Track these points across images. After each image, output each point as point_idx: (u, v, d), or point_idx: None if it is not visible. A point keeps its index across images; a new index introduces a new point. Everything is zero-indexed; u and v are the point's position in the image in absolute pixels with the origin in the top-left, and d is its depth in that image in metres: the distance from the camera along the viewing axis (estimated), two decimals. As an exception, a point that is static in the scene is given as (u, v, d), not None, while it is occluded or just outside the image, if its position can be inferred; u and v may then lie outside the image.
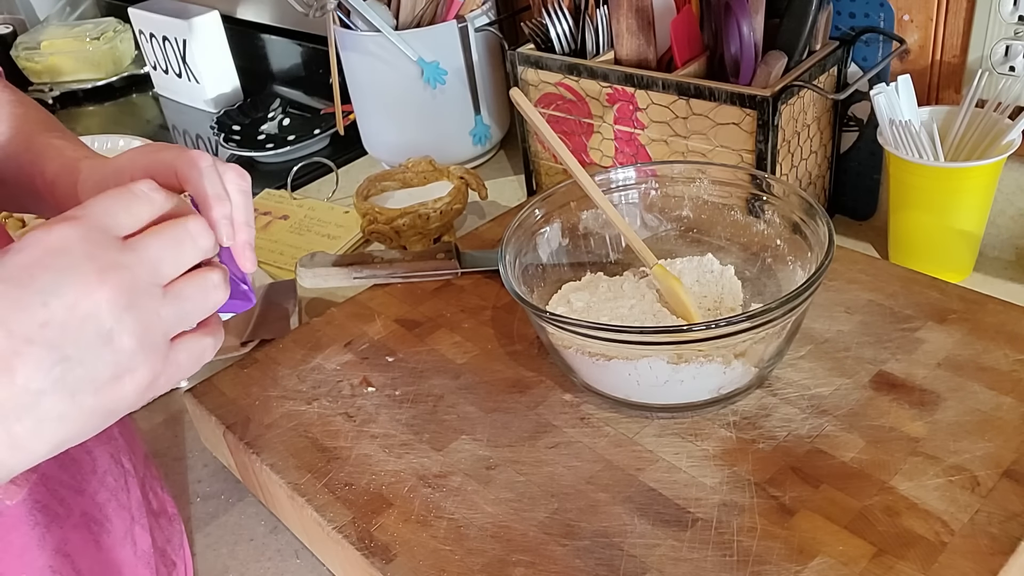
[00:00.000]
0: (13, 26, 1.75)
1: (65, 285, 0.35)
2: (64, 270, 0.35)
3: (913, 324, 0.66)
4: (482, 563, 0.53)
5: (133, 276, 0.37)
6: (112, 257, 0.37)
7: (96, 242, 0.37)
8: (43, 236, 0.36)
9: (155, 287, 0.38)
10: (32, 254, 0.35)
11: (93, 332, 0.36)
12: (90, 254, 0.36)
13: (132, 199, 0.39)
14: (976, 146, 0.77)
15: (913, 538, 0.50)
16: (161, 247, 0.38)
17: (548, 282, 0.71)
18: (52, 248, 0.36)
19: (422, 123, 1.07)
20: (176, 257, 0.39)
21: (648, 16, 0.82)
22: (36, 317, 0.35)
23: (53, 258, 0.35)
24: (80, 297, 0.35)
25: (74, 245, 0.36)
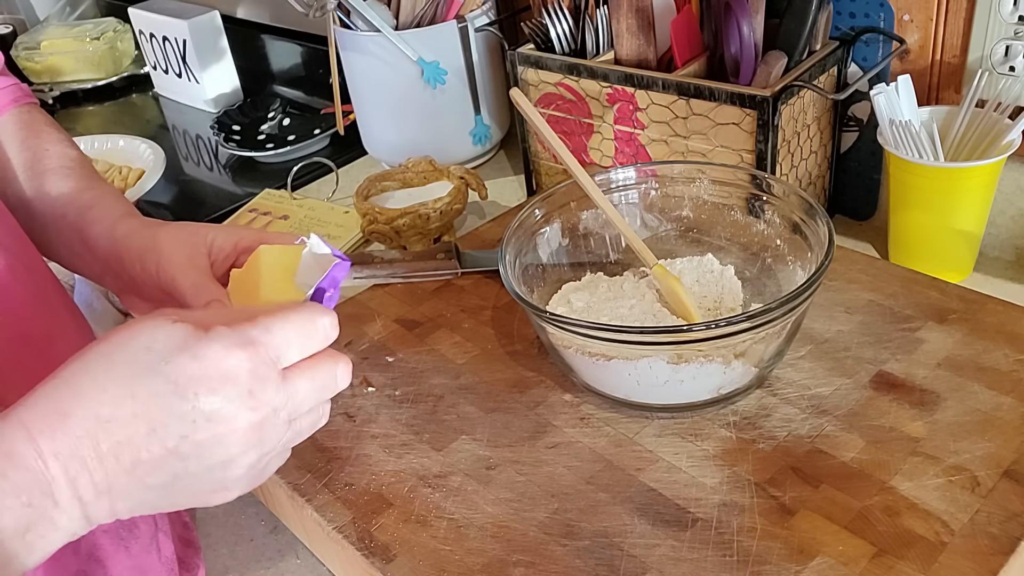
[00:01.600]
0: (13, 26, 1.75)
1: (219, 417, 0.38)
2: (225, 402, 0.38)
3: (913, 324, 0.66)
4: (482, 563, 0.53)
5: (276, 417, 0.40)
6: (268, 397, 0.39)
7: (261, 378, 0.39)
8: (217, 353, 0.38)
9: (285, 424, 0.41)
10: (205, 370, 0.38)
11: (218, 459, 0.39)
12: (252, 392, 0.39)
13: (314, 334, 0.42)
14: (976, 146, 0.77)
15: (913, 538, 0.50)
16: (310, 392, 0.41)
17: (548, 282, 0.71)
18: (224, 374, 0.38)
19: (422, 123, 1.07)
20: (318, 399, 0.42)
21: (648, 16, 0.82)
22: (182, 430, 0.38)
23: (220, 384, 0.38)
24: (225, 431, 0.38)
25: (242, 379, 0.39)
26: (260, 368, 0.39)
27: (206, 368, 0.38)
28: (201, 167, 1.32)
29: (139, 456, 0.37)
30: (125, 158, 1.23)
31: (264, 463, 0.41)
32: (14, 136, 0.63)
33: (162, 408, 0.38)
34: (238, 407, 0.39)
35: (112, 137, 1.27)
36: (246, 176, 1.24)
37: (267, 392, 0.39)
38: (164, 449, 0.38)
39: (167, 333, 0.39)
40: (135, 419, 0.37)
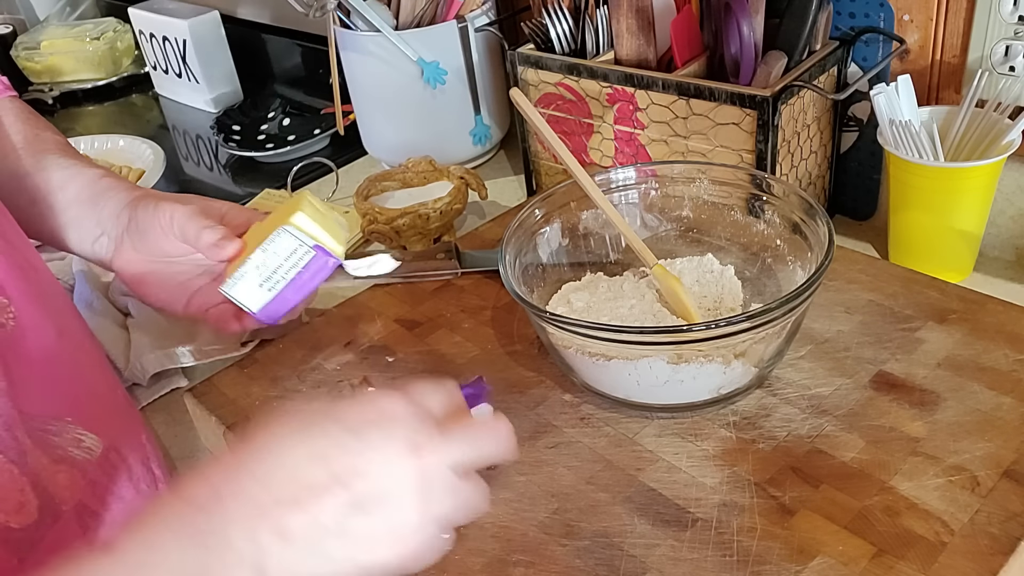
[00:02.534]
0: (13, 26, 1.75)
1: (388, 447, 0.39)
2: (391, 434, 0.40)
3: (913, 324, 0.66)
4: (482, 563, 0.53)
5: (439, 460, 0.40)
6: (430, 437, 0.40)
7: (421, 419, 0.41)
8: (380, 400, 0.41)
9: (452, 476, 0.41)
10: (369, 412, 0.40)
11: (395, 496, 0.39)
12: (415, 428, 0.40)
13: (446, 394, 0.44)
14: (976, 146, 0.77)
15: (913, 538, 0.50)
16: (470, 442, 0.42)
17: (548, 282, 0.71)
18: (386, 413, 0.40)
19: (422, 123, 1.07)
20: (476, 455, 0.43)
21: (648, 16, 0.82)
22: (355, 464, 0.38)
23: (385, 421, 0.40)
24: (394, 461, 0.39)
25: (404, 416, 0.40)
26: (417, 410, 0.41)
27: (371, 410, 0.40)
28: (201, 167, 1.32)
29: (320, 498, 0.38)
30: (125, 158, 1.24)
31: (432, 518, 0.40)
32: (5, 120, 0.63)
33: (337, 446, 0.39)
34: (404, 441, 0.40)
35: (112, 137, 1.28)
36: (246, 176, 1.24)
37: (428, 431, 0.40)
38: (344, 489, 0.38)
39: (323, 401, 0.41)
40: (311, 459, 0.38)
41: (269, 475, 0.38)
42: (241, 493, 0.37)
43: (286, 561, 0.37)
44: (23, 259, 0.54)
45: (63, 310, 0.59)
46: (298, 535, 0.37)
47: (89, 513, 0.52)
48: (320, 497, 0.37)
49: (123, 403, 0.62)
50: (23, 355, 0.50)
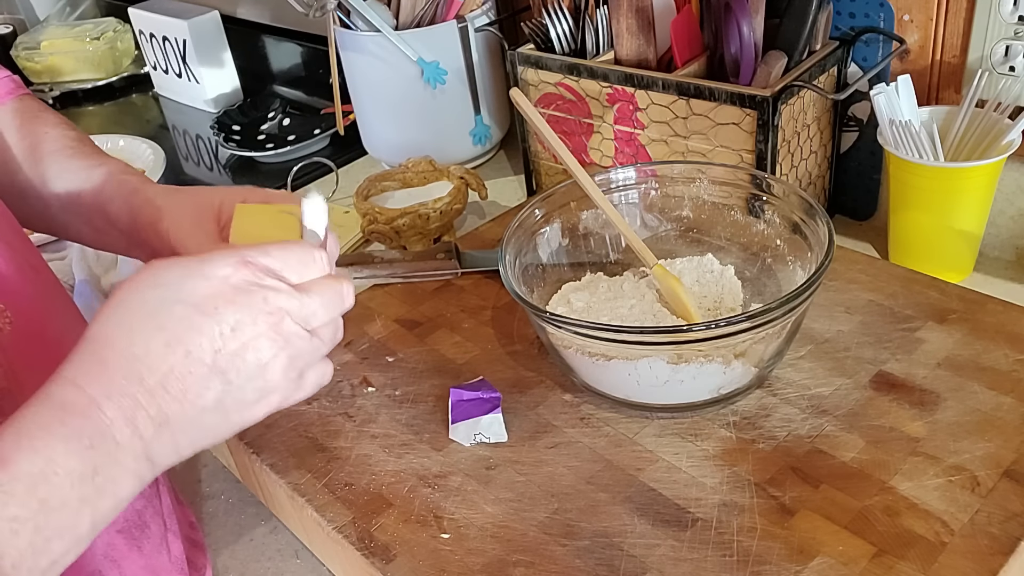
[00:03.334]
0: (13, 26, 1.75)
1: (243, 320, 0.40)
2: (243, 307, 0.40)
3: (913, 324, 0.66)
4: (482, 563, 0.53)
5: (293, 320, 0.42)
6: (283, 302, 0.42)
7: (271, 287, 0.42)
8: (226, 272, 0.41)
9: (306, 332, 0.43)
10: (216, 287, 0.40)
11: (253, 362, 0.41)
12: (265, 297, 0.41)
13: (310, 262, 0.44)
14: (976, 146, 0.77)
15: (913, 538, 0.50)
16: (321, 303, 0.43)
17: (548, 282, 0.71)
18: (235, 286, 0.41)
19: (422, 123, 1.07)
20: (328, 313, 0.44)
21: (648, 16, 0.82)
22: (213, 344, 0.40)
23: (235, 294, 0.41)
24: (251, 333, 0.41)
25: (251, 286, 0.41)
26: (266, 280, 0.42)
27: (217, 285, 0.41)
28: (201, 167, 1.32)
29: (185, 381, 0.39)
30: (125, 158, 1.23)
31: (297, 370, 0.43)
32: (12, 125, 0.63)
33: (190, 329, 0.40)
34: (256, 313, 0.41)
35: (112, 137, 1.28)
36: (246, 176, 1.24)
37: (279, 299, 0.42)
38: (204, 367, 0.40)
39: (169, 269, 0.41)
40: (169, 347, 0.39)
41: (134, 370, 0.39)
42: (111, 391, 0.39)
43: (171, 443, 0.40)
44: (24, 261, 0.54)
45: (64, 312, 0.59)
46: (175, 418, 0.39)
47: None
48: (184, 380, 0.39)
49: None
50: (23, 358, 0.50)
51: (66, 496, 0.37)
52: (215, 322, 0.40)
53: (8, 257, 0.53)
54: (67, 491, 0.37)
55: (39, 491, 0.36)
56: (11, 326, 0.50)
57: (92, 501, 0.38)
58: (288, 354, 0.42)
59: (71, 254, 0.94)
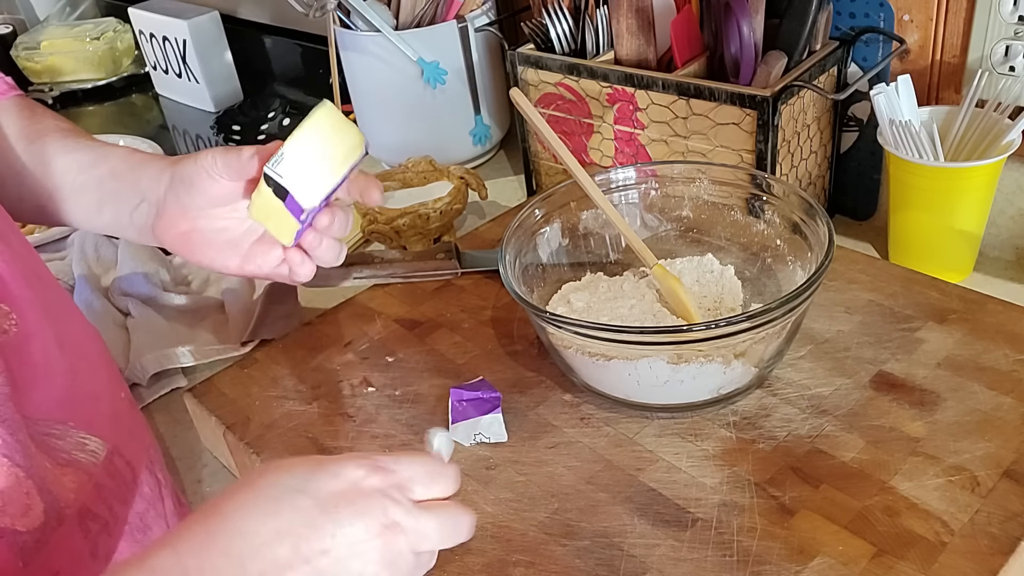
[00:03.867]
0: (13, 26, 1.75)
1: (355, 526, 0.39)
2: (361, 511, 0.40)
3: (913, 324, 0.66)
4: (482, 563, 0.53)
5: (406, 541, 0.41)
6: (400, 518, 0.41)
7: (394, 499, 0.41)
8: (355, 473, 0.41)
9: (414, 555, 0.42)
10: (342, 485, 0.40)
11: (356, 573, 0.39)
12: (385, 507, 0.40)
13: (439, 477, 0.44)
14: (976, 146, 0.77)
15: (913, 538, 0.50)
16: (437, 527, 0.42)
17: (548, 282, 0.71)
18: (359, 489, 0.40)
19: (422, 123, 1.07)
20: (441, 540, 0.43)
21: (648, 16, 0.82)
22: (323, 544, 0.39)
23: (358, 497, 0.40)
24: (363, 541, 0.40)
25: (377, 494, 0.40)
26: (394, 491, 0.41)
27: (345, 485, 0.40)
28: (201, 167, 1.32)
29: (283, 573, 0.38)
30: (125, 158, 1.23)
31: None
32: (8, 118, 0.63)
33: (304, 523, 0.39)
34: (375, 524, 0.40)
35: (112, 137, 1.27)
36: (246, 176, 1.24)
37: (399, 514, 0.41)
38: (307, 566, 0.38)
39: (305, 462, 0.41)
40: (279, 535, 0.38)
41: (236, 550, 0.38)
42: (207, 567, 0.38)
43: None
44: (26, 266, 0.54)
45: (66, 315, 0.59)
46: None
47: (92, 516, 0.52)
48: (283, 573, 0.38)
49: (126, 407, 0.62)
50: (26, 360, 0.50)
51: None
52: (332, 522, 0.39)
53: (11, 260, 0.53)
54: None
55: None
56: (16, 328, 0.50)
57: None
58: (390, 573, 0.41)
59: (71, 254, 0.95)
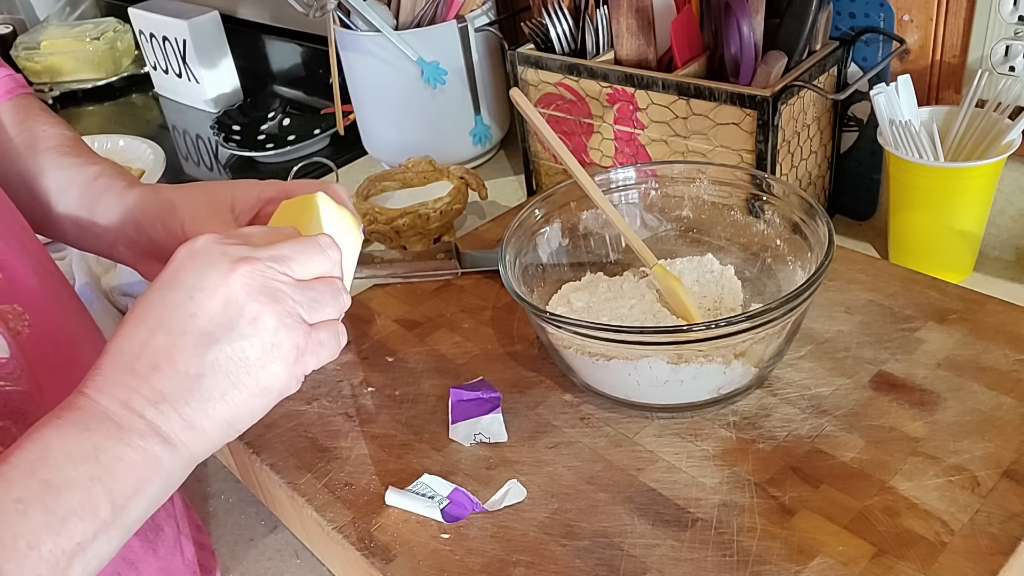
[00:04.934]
0: (13, 26, 1.75)
1: (205, 278, 0.40)
2: (203, 266, 0.41)
3: (913, 324, 0.66)
4: (482, 563, 0.53)
5: (264, 266, 0.41)
6: (243, 251, 0.41)
7: (230, 243, 0.42)
8: (186, 246, 0.42)
9: (287, 277, 0.42)
10: (179, 261, 0.41)
11: (236, 314, 0.40)
12: (224, 251, 0.41)
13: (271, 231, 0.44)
14: (976, 146, 0.77)
15: (913, 538, 0.50)
16: (292, 249, 0.43)
17: (548, 282, 0.71)
18: (193, 252, 0.41)
19: (422, 123, 1.07)
20: (304, 257, 0.43)
21: (648, 16, 0.82)
22: (187, 310, 0.40)
23: (194, 259, 0.41)
24: (219, 285, 0.40)
25: (211, 247, 0.41)
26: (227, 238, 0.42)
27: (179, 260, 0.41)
28: (201, 167, 1.32)
29: (171, 354, 0.39)
30: (125, 158, 1.23)
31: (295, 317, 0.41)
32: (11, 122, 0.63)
33: (162, 306, 0.40)
34: (221, 267, 0.40)
35: (112, 137, 1.27)
36: (246, 176, 1.22)
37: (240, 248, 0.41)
38: (186, 336, 0.39)
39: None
40: (150, 332, 0.40)
41: (120, 362, 0.40)
42: (104, 385, 0.39)
43: (179, 419, 0.39)
44: (39, 264, 0.54)
45: (78, 314, 0.59)
46: (172, 392, 0.39)
47: None
48: (171, 353, 0.39)
49: None
50: (42, 360, 0.50)
51: (70, 475, 0.37)
52: (184, 290, 0.40)
53: (24, 259, 0.53)
54: (70, 471, 0.37)
55: (39, 473, 0.36)
56: (30, 328, 0.50)
57: (103, 480, 0.38)
58: (271, 296, 0.41)
59: (71, 255, 0.94)
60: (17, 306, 0.50)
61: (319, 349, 0.43)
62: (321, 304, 0.43)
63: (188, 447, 0.40)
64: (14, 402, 0.47)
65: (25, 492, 0.36)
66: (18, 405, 0.47)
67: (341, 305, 0.44)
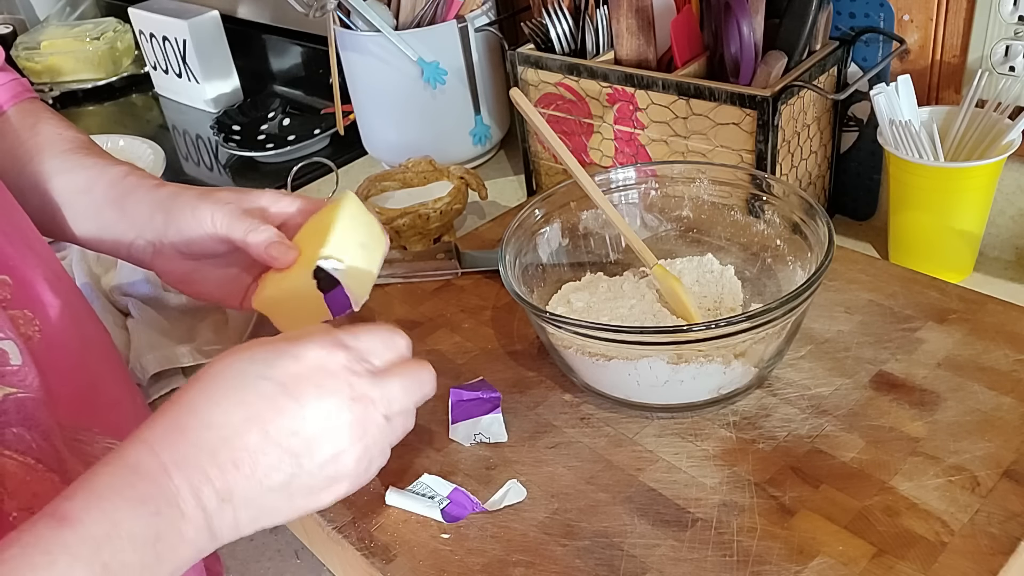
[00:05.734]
0: (13, 26, 1.75)
1: (324, 404, 0.41)
2: (326, 390, 0.41)
3: (913, 324, 0.66)
4: (482, 563, 0.53)
5: (375, 409, 0.43)
6: (365, 389, 0.42)
7: (356, 372, 0.43)
8: (316, 353, 0.42)
9: (386, 419, 0.43)
10: (304, 367, 0.41)
11: (330, 451, 0.41)
12: (350, 382, 0.42)
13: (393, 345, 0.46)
14: (976, 146, 0.77)
15: (913, 538, 0.50)
16: (402, 388, 0.44)
17: (548, 282, 0.71)
18: (322, 368, 0.42)
19: (422, 123, 1.07)
20: (408, 398, 0.45)
21: (648, 16, 0.82)
22: (292, 425, 0.40)
23: (321, 377, 0.41)
24: (332, 417, 0.41)
25: (340, 370, 0.42)
26: (355, 365, 0.42)
27: (307, 366, 0.41)
28: (201, 167, 1.32)
29: (256, 459, 0.40)
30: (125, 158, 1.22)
31: (368, 459, 0.43)
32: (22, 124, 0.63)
33: (271, 408, 0.40)
34: (341, 400, 0.41)
35: (112, 137, 1.27)
36: (246, 176, 1.24)
37: (364, 385, 0.42)
38: (278, 449, 0.40)
39: (265, 347, 0.42)
40: (247, 423, 0.40)
41: (207, 442, 0.39)
42: (182, 460, 0.39)
43: (232, 519, 0.40)
44: (49, 270, 0.54)
45: (87, 319, 0.58)
46: (240, 495, 0.39)
47: None
48: (256, 458, 0.39)
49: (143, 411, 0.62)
50: (53, 365, 0.50)
51: (127, 560, 0.37)
52: (299, 405, 0.40)
53: (34, 265, 0.53)
54: (129, 555, 0.37)
55: (103, 554, 0.36)
56: (40, 334, 0.50)
57: (152, 568, 0.38)
58: (364, 444, 0.42)
59: (71, 255, 0.94)
60: (28, 312, 0.50)
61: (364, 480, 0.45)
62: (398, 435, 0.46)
63: (223, 541, 0.41)
64: (27, 409, 0.47)
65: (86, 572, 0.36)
66: (31, 412, 0.47)
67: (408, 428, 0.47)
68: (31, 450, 0.46)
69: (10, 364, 0.47)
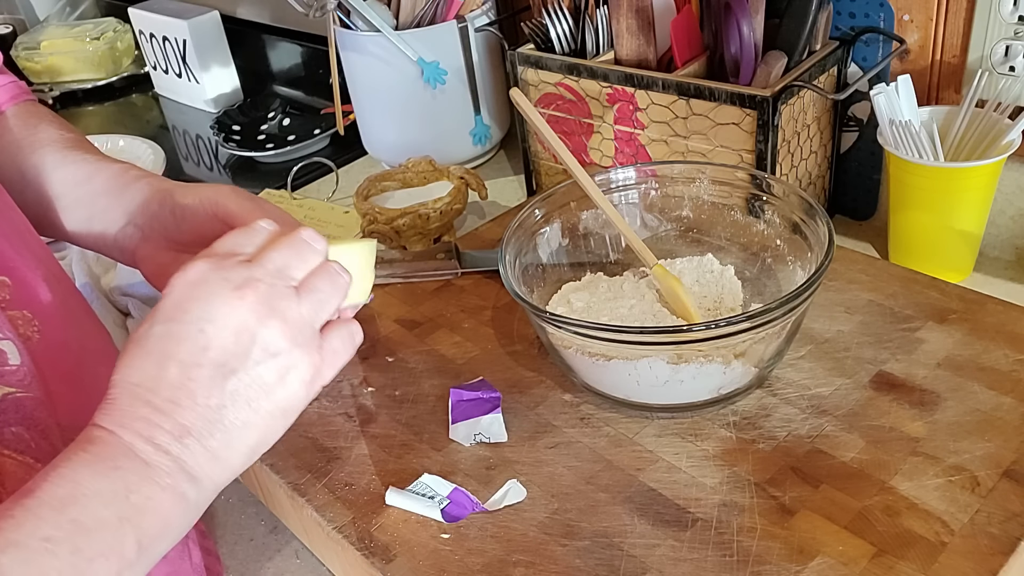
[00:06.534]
0: (13, 26, 1.75)
1: (212, 309, 0.40)
2: (208, 297, 0.40)
3: (913, 324, 0.66)
4: (482, 563, 0.53)
5: (266, 285, 0.41)
6: (243, 274, 0.41)
7: (225, 267, 0.41)
8: (182, 275, 0.41)
9: (287, 289, 0.42)
10: (179, 292, 0.41)
11: (249, 342, 0.40)
12: (224, 278, 0.41)
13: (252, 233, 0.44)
14: (976, 146, 0.77)
15: (913, 538, 0.50)
16: (283, 255, 0.43)
17: (548, 282, 0.71)
18: (192, 282, 0.41)
19: (422, 123, 1.07)
20: (299, 261, 0.43)
21: (648, 16, 0.82)
22: (198, 343, 0.40)
23: (195, 289, 0.41)
24: (227, 315, 0.40)
25: (209, 275, 0.41)
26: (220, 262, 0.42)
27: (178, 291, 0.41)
28: (201, 167, 1.32)
29: (189, 388, 0.39)
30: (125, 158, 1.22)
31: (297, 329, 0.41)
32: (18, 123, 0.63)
33: (172, 342, 0.40)
34: (225, 295, 0.40)
35: (112, 137, 1.28)
36: (246, 176, 1.24)
37: (240, 273, 0.41)
38: (201, 369, 0.39)
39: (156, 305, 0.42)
40: (161, 367, 0.39)
41: (136, 396, 0.39)
42: (122, 420, 0.39)
43: (203, 451, 0.40)
44: (47, 270, 0.54)
45: (86, 320, 0.59)
46: (197, 427, 0.39)
47: None
48: (187, 388, 0.39)
49: None
50: (52, 367, 0.50)
51: (101, 516, 0.37)
52: (188, 323, 0.40)
53: (33, 266, 0.53)
54: (101, 510, 0.37)
55: (69, 512, 0.36)
56: (39, 334, 0.50)
57: (133, 520, 0.38)
58: (279, 318, 0.41)
59: (71, 255, 0.94)
60: (27, 312, 0.50)
61: (334, 359, 0.44)
62: (325, 300, 0.43)
63: (212, 479, 0.40)
64: (26, 408, 0.47)
65: (55, 531, 0.36)
66: (30, 411, 0.47)
67: (343, 289, 0.44)
68: (30, 449, 0.46)
69: (9, 364, 0.47)
